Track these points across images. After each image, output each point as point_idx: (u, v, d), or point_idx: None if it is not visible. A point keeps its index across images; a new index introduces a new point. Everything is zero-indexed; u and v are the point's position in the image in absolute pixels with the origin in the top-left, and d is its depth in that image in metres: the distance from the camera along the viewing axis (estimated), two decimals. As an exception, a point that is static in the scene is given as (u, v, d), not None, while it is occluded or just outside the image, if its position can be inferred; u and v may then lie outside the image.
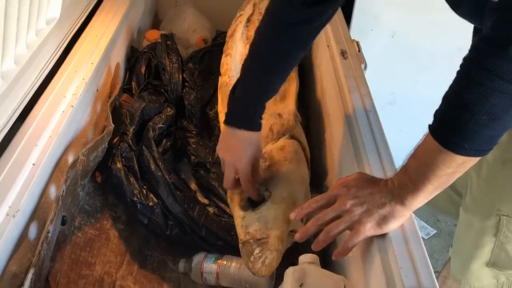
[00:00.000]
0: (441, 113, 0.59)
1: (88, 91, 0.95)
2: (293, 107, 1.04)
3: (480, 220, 0.94)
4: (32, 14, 0.76)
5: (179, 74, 1.11)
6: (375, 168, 0.75)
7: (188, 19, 1.49)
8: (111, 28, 1.10)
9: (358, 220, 0.63)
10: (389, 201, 0.62)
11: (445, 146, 0.57)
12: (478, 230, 0.95)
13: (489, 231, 0.93)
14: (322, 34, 1.16)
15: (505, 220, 0.90)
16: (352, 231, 0.63)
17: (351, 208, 0.63)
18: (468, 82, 0.55)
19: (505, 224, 0.90)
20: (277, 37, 0.81)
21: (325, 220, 0.66)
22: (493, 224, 0.92)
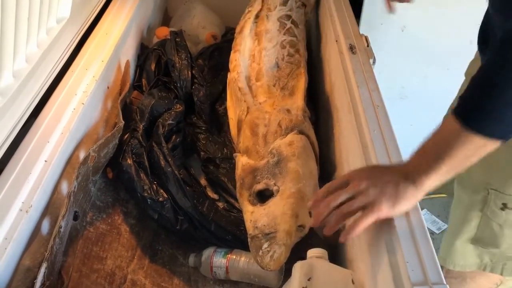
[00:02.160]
0: (468, 93, 0.59)
1: (98, 88, 0.96)
2: (302, 102, 1.04)
3: (469, 194, 0.95)
4: (42, 13, 0.78)
5: (188, 70, 1.12)
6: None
7: (197, 16, 1.49)
8: (121, 26, 1.11)
9: (371, 201, 0.62)
10: (402, 181, 0.62)
11: (469, 125, 0.57)
12: (466, 205, 0.96)
13: (476, 206, 0.94)
14: (331, 29, 1.16)
15: (493, 195, 0.91)
16: (365, 211, 0.63)
17: (365, 189, 0.63)
18: (502, 63, 0.55)
19: (493, 199, 0.91)
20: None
21: (337, 201, 0.65)
22: (481, 198, 0.93)
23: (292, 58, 1.15)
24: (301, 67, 1.13)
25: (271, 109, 1.04)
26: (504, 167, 0.88)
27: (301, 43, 1.20)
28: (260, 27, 1.21)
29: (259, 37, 1.19)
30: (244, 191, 0.91)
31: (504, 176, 0.88)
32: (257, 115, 1.02)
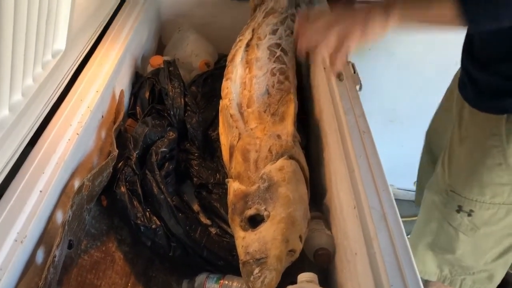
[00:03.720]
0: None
1: (93, 118, 0.99)
2: (291, 128, 1.06)
3: (433, 195, 1.01)
4: (38, 48, 0.81)
5: (181, 98, 1.15)
6: (368, 188, 0.77)
7: (191, 44, 1.53)
8: (116, 57, 1.15)
9: (345, 28, 0.70)
10: (373, 9, 0.69)
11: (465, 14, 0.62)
12: (429, 206, 1.02)
13: (437, 207, 0.99)
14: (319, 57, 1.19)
15: (451, 196, 0.95)
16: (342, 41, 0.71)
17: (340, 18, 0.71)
18: None
19: (450, 201, 0.95)
20: None
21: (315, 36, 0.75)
22: (441, 199, 0.98)
23: (282, 85, 1.19)
24: (290, 94, 1.16)
25: (262, 135, 1.07)
26: (463, 170, 0.92)
27: (290, 70, 1.23)
28: (251, 55, 1.25)
29: (250, 65, 1.22)
30: (235, 217, 0.92)
31: (462, 178, 0.92)
32: (248, 141, 1.05)
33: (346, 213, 0.82)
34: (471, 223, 0.94)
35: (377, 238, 0.68)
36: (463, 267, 1.00)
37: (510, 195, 0.88)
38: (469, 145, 0.92)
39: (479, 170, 0.89)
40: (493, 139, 0.85)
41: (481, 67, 0.87)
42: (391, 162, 1.69)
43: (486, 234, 0.95)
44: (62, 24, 0.87)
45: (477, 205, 0.92)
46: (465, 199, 0.93)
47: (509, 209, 0.90)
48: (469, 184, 0.91)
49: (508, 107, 0.82)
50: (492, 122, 0.85)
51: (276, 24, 1.31)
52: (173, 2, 1.63)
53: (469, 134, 0.93)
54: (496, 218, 0.92)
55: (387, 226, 0.70)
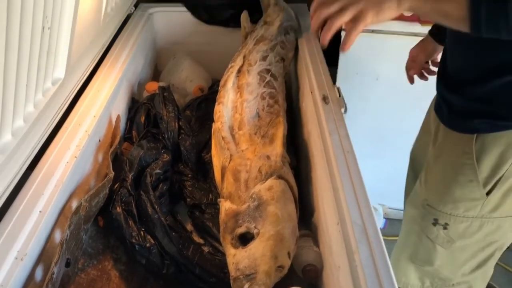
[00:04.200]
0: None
1: (90, 142, 1.04)
2: (280, 149, 1.11)
3: (412, 209, 1.06)
4: (39, 76, 0.86)
5: (175, 122, 1.20)
6: (351, 205, 0.81)
7: (185, 70, 1.60)
8: (113, 83, 1.21)
9: (359, 10, 0.72)
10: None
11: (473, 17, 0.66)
12: (409, 219, 1.07)
13: (415, 220, 1.03)
14: (306, 81, 1.26)
15: (428, 210, 1.00)
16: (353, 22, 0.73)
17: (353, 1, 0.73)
18: None
19: (427, 214, 1.00)
20: None
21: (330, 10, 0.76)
22: (420, 213, 1.02)
23: (272, 109, 1.24)
24: (280, 116, 1.21)
25: (253, 156, 1.12)
26: (438, 185, 0.97)
27: (280, 95, 1.29)
28: (242, 81, 1.30)
29: (241, 90, 1.28)
30: (227, 235, 0.96)
31: (438, 193, 0.97)
32: (239, 162, 1.10)
33: (331, 229, 0.86)
34: (447, 235, 0.99)
35: (358, 251, 0.72)
36: (442, 279, 1.04)
37: (482, 209, 0.93)
38: (443, 163, 0.97)
39: (453, 186, 0.94)
40: (464, 157, 0.91)
41: (453, 90, 0.93)
42: (382, 182, 1.75)
43: (462, 246, 0.99)
44: (62, 54, 0.92)
45: (451, 219, 0.97)
46: (441, 213, 0.98)
47: (482, 222, 0.95)
48: (444, 198, 0.96)
49: (477, 127, 0.88)
50: (464, 141, 0.90)
51: (266, 51, 1.38)
52: (169, 31, 1.70)
53: (443, 152, 0.98)
54: (470, 231, 0.96)
55: (368, 240, 0.74)
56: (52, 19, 0.82)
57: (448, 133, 0.95)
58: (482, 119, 0.87)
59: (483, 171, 0.89)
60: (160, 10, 1.68)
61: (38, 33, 0.78)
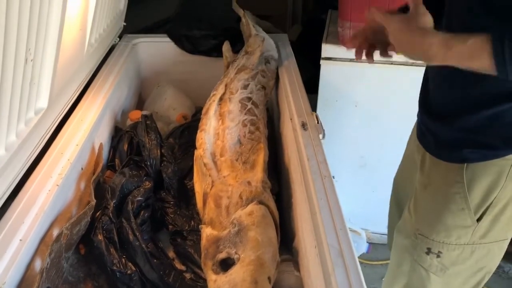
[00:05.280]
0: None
1: (73, 170, 1.05)
2: (261, 175, 1.13)
3: (402, 239, 1.06)
4: (22, 106, 0.88)
5: (158, 150, 1.22)
6: (328, 228, 0.83)
7: (169, 98, 1.63)
8: (96, 112, 1.23)
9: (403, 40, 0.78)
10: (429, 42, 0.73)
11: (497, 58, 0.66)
12: (400, 249, 1.07)
13: (407, 250, 1.04)
14: (286, 108, 1.29)
15: (419, 239, 1.00)
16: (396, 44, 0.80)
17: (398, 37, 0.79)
18: None
19: (419, 244, 1.00)
20: None
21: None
22: (411, 243, 1.03)
23: (253, 135, 1.27)
24: (261, 143, 1.24)
25: (234, 182, 1.13)
26: (428, 214, 0.99)
27: (261, 121, 1.32)
28: (224, 108, 1.33)
29: (223, 117, 1.31)
30: (208, 261, 0.97)
31: (428, 222, 0.98)
32: (221, 188, 1.11)
33: (309, 252, 0.88)
34: (440, 263, 0.99)
35: (334, 273, 0.74)
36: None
37: (473, 236, 0.94)
38: (433, 192, 0.98)
39: (444, 214, 0.95)
40: (455, 186, 0.91)
41: (438, 120, 0.94)
42: (364, 207, 1.77)
43: (455, 273, 1.00)
44: (45, 84, 0.94)
45: (444, 247, 0.97)
46: (433, 242, 0.98)
47: (473, 248, 0.96)
48: (436, 227, 0.97)
49: (467, 157, 0.88)
50: (454, 170, 0.91)
51: (248, 80, 1.41)
52: (153, 61, 1.74)
53: (432, 181, 0.98)
54: (462, 257, 0.97)
55: (344, 262, 0.76)
56: (35, 51, 0.85)
57: (435, 162, 0.95)
58: (471, 149, 0.87)
59: (474, 199, 0.90)
60: (144, 40, 1.72)
61: (21, 65, 0.80)
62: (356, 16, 1.41)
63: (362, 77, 1.56)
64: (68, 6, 0.94)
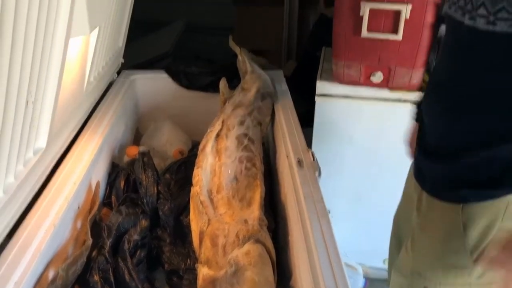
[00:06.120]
0: None
1: (69, 209, 1.05)
2: (258, 213, 1.14)
3: (399, 277, 1.05)
4: (21, 147, 0.89)
5: (154, 187, 1.23)
6: (325, 269, 0.83)
7: (166, 134, 1.64)
8: (94, 149, 1.23)
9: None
10: None
11: None
12: (397, 287, 1.05)
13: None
14: (282, 145, 1.31)
15: (416, 278, 1.00)
16: None
17: None
18: None
19: (416, 282, 1.00)
20: None
21: None
22: (408, 281, 1.02)
23: (249, 172, 1.28)
24: (257, 179, 1.25)
25: (231, 220, 1.14)
26: (425, 254, 0.99)
27: (257, 158, 1.33)
28: (220, 145, 1.35)
29: (219, 154, 1.32)
30: (204, 301, 0.96)
31: (426, 262, 0.98)
32: (217, 227, 1.11)
33: (307, 293, 0.88)
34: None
35: (332, 317, 0.74)
36: None
37: (469, 276, 0.93)
38: (430, 232, 0.98)
39: (441, 254, 0.95)
40: (452, 227, 0.91)
41: (435, 159, 0.94)
42: (360, 240, 1.77)
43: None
44: (44, 125, 0.96)
45: (441, 287, 0.97)
46: (430, 281, 0.98)
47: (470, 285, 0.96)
48: (433, 267, 0.96)
49: (463, 197, 0.88)
50: (450, 211, 0.91)
51: (244, 116, 1.43)
52: (150, 96, 1.76)
53: (428, 221, 0.98)
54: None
55: (341, 305, 0.75)
56: (36, 93, 0.86)
57: (432, 201, 0.96)
58: (468, 189, 0.87)
59: (471, 240, 0.89)
60: (142, 76, 1.74)
61: (21, 108, 0.81)
62: (349, 55, 1.44)
63: (357, 113, 1.58)
64: (69, 48, 0.96)
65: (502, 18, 0.72)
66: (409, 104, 1.50)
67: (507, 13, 0.71)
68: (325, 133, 1.63)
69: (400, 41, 1.37)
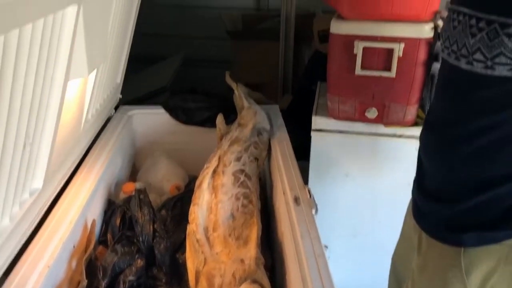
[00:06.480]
0: None
1: (65, 249, 1.04)
2: (254, 251, 1.13)
3: None
4: (17, 190, 0.89)
5: (150, 225, 1.22)
6: (322, 312, 0.83)
7: (162, 169, 1.64)
8: (90, 187, 1.23)
9: None
10: None
11: None
12: None
13: None
14: (279, 181, 1.31)
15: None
16: None
17: None
18: None
19: None
20: None
21: None
22: None
23: (246, 209, 1.28)
24: (254, 217, 1.25)
25: (227, 259, 1.13)
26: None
27: (254, 194, 1.33)
28: (217, 181, 1.35)
29: (216, 191, 1.32)
30: None
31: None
32: (214, 266, 1.10)
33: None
34: None
35: None
36: None
37: None
38: (430, 274, 0.96)
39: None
40: (452, 270, 0.89)
41: (436, 202, 0.93)
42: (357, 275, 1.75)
43: None
44: (41, 166, 0.96)
45: None
46: None
47: None
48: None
49: (465, 240, 0.87)
50: (451, 254, 0.89)
51: (240, 152, 1.44)
52: (147, 131, 1.77)
53: (428, 263, 0.96)
54: None
55: None
56: (34, 136, 0.87)
57: (432, 243, 0.94)
58: (470, 232, 0.86)
59: (472, 285, 0.87)
60: (139, 112, 1.76)
61: (19, 151, 0.82)
62: (344, 92, 1.47)
63: (353, 148, 1.60)
64: (67, 89, 0.98)
65: (500, 63, 0.72)
66: (405, 139, 1.52)
67: (505, 58, 0.72)
68: (321, 167, 1.64)
69: (393, 78, 1.40)
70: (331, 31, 1.43)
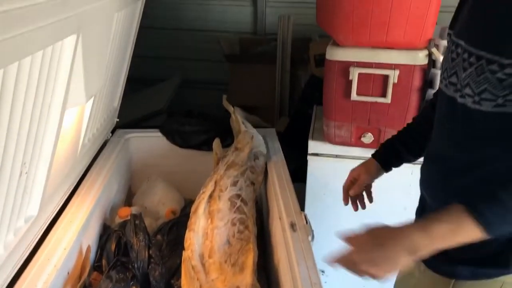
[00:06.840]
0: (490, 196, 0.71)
1: (59, 276, 1.03)
2: (250, 279, 1.12)
3: None
4: (12, 217, 0.88)
5: (145, 251, 1.21)
6: None
7: (158, 193, 1.64)
8: (85, 212, 1.22)
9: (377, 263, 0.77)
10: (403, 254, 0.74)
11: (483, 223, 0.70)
12: None
13: None
14: (275, 206, 1.31)
15: None
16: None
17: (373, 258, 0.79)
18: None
19: None
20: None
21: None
22: None
23: (242, 235, 1.27)
24: (250, 243, 1.24)
25: (222, 286, 1.12)
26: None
27: (250, 220, 1.33)
28: (213, 206, 1.35)
29: (212, 216, 1.32)
30: None
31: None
32: (209, 293, 1.09)
33: None
34: None
35: None
36: None
37: None
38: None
39: None
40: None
41: None
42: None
43: None
44: (37, 193, 0.96)
45: None
46: None
47: None
48: None
49: (457, 273, 0.88)
50: (442, 283, 0.90)
51: (237, 176, 1.44)
52: (143, 155, 1.77)
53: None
54: None
55: None
56: (30, 163, 0.87)
57: (426, 271, 0.95)
58: (463, 266, 0.86)
59: None
60: (136, 135, 1.76)
61: (15, 179, 0.82)
62: (339, 117, 1.48)
63: (347, 171, 1.60)
64: (65, 116, 0.98)
65: (486, 99, 0.73)
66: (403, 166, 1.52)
67: (490, 94, 0.73)
68: (318, 191, 1.64)
69: (389, 104, 1.41)
70: (327, 57, 1.45)
